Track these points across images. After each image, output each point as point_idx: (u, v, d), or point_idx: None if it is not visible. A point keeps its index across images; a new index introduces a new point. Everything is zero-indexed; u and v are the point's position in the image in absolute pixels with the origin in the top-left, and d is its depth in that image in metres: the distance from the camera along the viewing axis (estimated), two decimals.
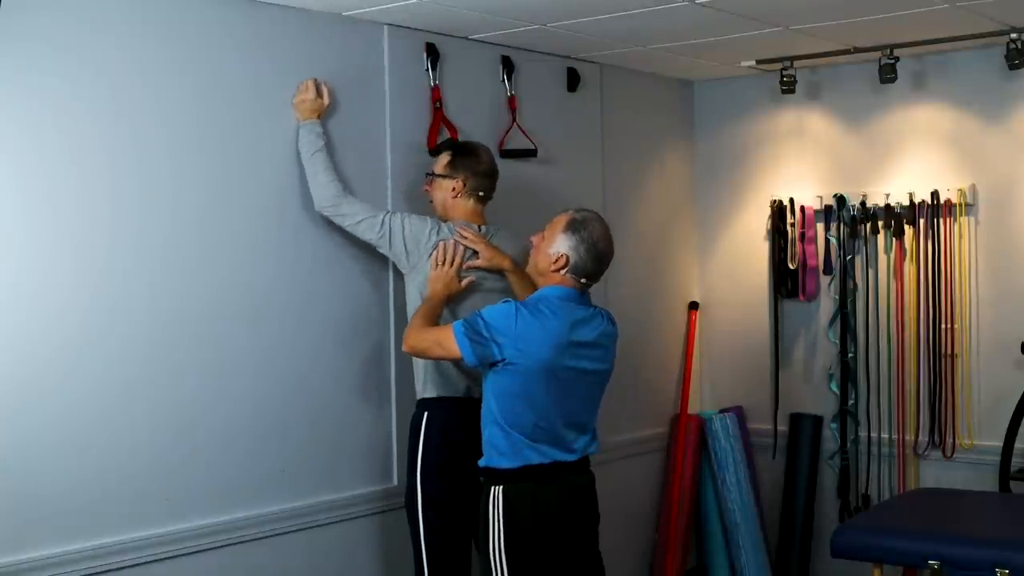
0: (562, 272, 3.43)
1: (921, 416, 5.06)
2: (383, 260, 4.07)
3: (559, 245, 3.43)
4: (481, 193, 3.93)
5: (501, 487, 3.40)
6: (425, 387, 3.83)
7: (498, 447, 3.40)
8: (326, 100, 3.86)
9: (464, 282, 3.80)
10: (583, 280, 3.44)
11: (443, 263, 3.76)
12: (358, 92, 4.03)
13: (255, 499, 3.71)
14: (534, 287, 3.63)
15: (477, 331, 3.34)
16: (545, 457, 3.41)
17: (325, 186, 3.80)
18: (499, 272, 3.88)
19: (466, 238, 3.83)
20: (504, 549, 3.38)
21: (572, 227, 3.43)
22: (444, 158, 3.95)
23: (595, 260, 3.44)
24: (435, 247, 3.79)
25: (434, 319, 3.63)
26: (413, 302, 3.84)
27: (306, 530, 3.86)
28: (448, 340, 3.40)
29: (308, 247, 3.88)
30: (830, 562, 4.44)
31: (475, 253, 3.84)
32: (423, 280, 3.80)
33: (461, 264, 3.80)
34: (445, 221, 3.91)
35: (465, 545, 3.85)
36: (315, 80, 3.83)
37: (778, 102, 5.34)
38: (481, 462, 3.46)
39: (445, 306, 3.76)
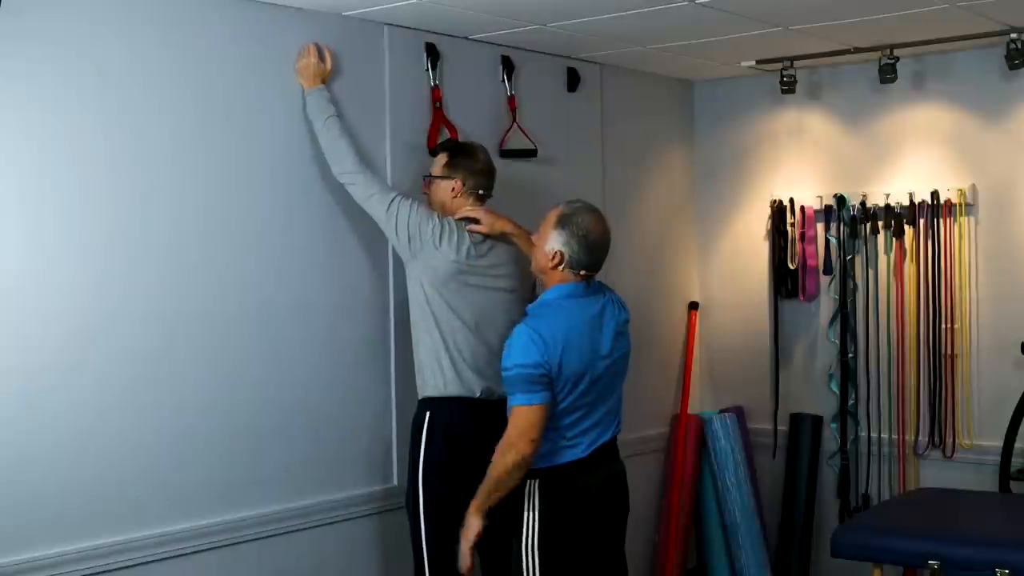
0: (560, 268, 3.43)
1: (921, 416, 5.06)
2: (385, 260, 4.07)
3: (552, 242, 3.44)
4: (481, 192, 3.94)
5: (537, 479, 3.39)
6: (427, 387, 3.82)
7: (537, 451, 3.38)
8: (328, 65, 3.86)
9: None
10: (583, 272, 3.45)
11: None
12: (358, 92, 4.03)
13: (256, 499, 3.71)
14: None
15: (529, 381, 3.29)
16: (584, 451, 3.42)
17: (343, 153, 3.81)
18: (503, 240, 3.90)
19: (465, 207, 3.88)
20: (538, 542, 3.37)
21: (561, 222, 3.44)
22: (441, 159, 3.95)
23: (589, 252, 3.44)
24: (438, 239, 3.79)
25: (493, 483, 3.40)
26: (415, 293, 3.82)
27: (306, 530, 3.86)
28: (526, 418, 3.29)
29: (310, 247, 3.88)
30: (830, 562, 4.45)
31: (476, 221, 3.87)
32: (424, 269, 3.79)
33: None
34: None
35: None
36: (316, 44, 3.83)
37: (778, 102, 5.33)
38: None
39: (444, 300, 3.76)
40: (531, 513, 3.39)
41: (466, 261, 3.82)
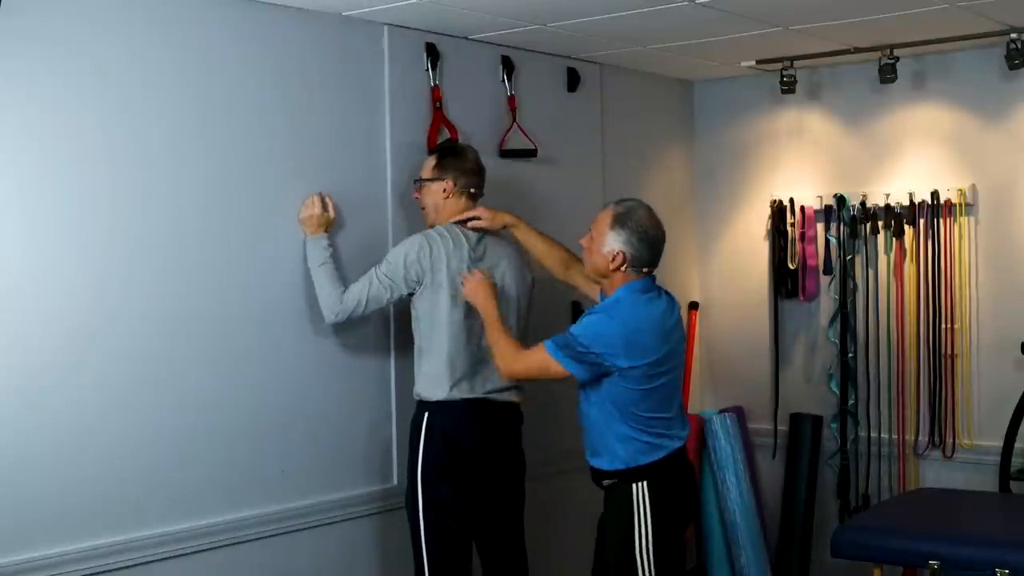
0: (623, 269, 3.44)
1: (921, 416, 5.06)
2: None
3: (611, 243, 3.44)
4: (472, 190, 3.93)
5: (645, 482, 3.42)
6: (425, 388, 3.82)
7: (630, 454, 3.43)
8: (332, 214, 3.85)
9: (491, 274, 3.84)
10: (644, 270, 3.48)
11: (470, 279, 3.75)
12: (358, 92, 4.03)
13: (256, 499, 3.71)
14: (546, 239, 3.85)
15: (577, 350, 3.35)
16: (679, 441, 3.50)
17: (328, 297, 3.77)
18: (501, 238, 3.92)
19: (458, 207, 3.88)
20: (652, 542, 3.40)
21: (618, 222, 3.45)
22: (430, 162, 3.95)
23: (650, 247, 3.46)
24: (432, 252, 3.77)
25: (509, 333, 3.63)
26: (422, 304, 3.80)
27: (306, 530, 3.86)
28: (551, 363, 3.39)
29: None
30: (830, 562, 4.44)
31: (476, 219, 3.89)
32: (438, 282, 3.76)
33: (487, 273, 3.81)
34: (432, 227, 3.90)
35: (466, 546, 3.84)
36: (320, 195, 3.82)
37: (778, 102, 5.34)
38: (603, 466, 3.49)
39: (448, 304, 3.76)
40: (642, 516, 3.42)
41: (468, 260, 3.82)
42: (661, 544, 3.42)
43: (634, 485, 3.43)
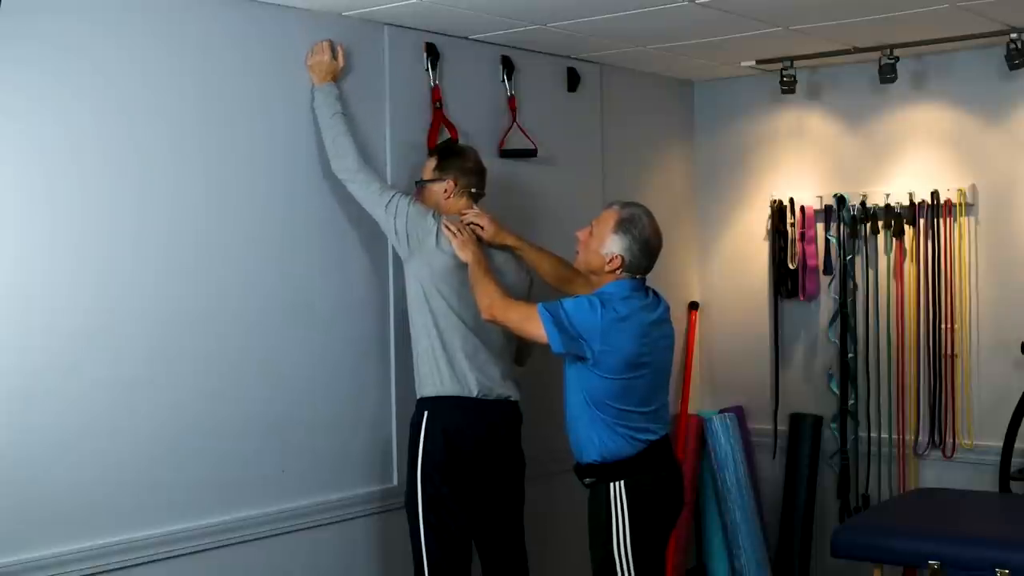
0: (618, 272, 3.48)
1: (921, 416, 5.06)
2: (384, 260, 4.07)
3: (611, 246, 3.48)
4: (473, 190, 3.94)
5: (622, 482, 3.44)
6: (424, 386, 3.82)
7: (605, 446, 3.46)
8: (341, 62, 3.87)
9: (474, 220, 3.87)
10: (638, 276, 3.53)
11: (457, 234, 3.77)
12: (358, 92, 4.03)
13: (255, 499, 3.71)
14: (548, 255, 3.85)
15: (562, 323, 3.40)
16: (657, 435, 3.51)
17: (345, 149, 3.82)
18: (504, 249, 3.91)
19: (467, 214, 3.87)
20: (631, 544, 3.41)
21: (622, 227, 3.48)
22: (431, 163, 3.96)
23: (648, 256, 3.52)
24: (436, 237, 3.78)
25: (498, 283, 3.66)
26: (413, 292, 3.83)
27: (306, 530, 3.86)
28: (535, 324, 3.43)
29: (309, 247, 3.88)
30: (830, 562, 4.45)
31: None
32: (421, 266, 3.79)
33: (470, 226, 3.84)
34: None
35: (465, 545, 3.84)
36: (329, 41, 3.85)
37: (778, 102, 5.34)
38: (582, 459, 3.52)
39: (442, 298, 3.78)
40: (620, 515, 3.43)
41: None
42: (640, 544, 3.42)
43: (611, 484, 3.45)
